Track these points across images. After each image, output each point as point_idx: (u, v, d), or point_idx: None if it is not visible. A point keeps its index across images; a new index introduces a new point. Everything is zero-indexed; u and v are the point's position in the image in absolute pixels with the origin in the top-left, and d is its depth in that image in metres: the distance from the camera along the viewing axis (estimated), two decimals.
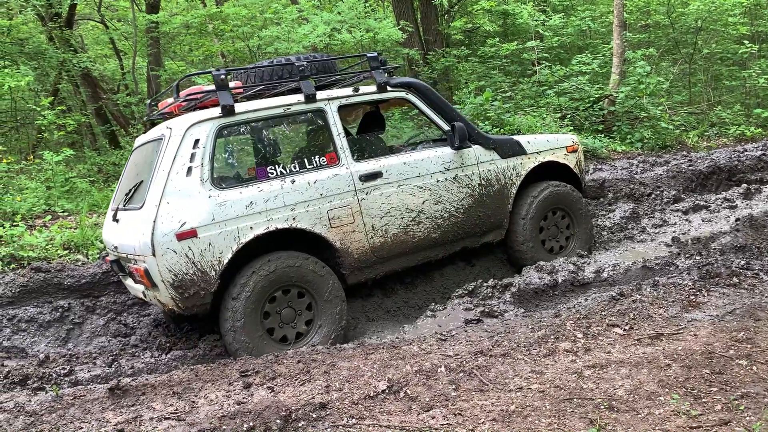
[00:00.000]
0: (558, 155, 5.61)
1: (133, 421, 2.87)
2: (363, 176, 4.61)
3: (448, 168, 4.99)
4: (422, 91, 5.10)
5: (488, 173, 5.17)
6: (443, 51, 13.56)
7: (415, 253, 4.90)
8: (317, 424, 2.80)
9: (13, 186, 8.05)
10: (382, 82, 4.90)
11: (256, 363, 3.52)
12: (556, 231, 5.59)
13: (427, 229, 4.87)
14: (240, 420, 2.79)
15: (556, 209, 5.53)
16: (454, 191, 4.99)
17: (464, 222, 5.06)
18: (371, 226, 4.62)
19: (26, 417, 2.94)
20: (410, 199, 4.78)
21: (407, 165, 4.83)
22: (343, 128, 4.73)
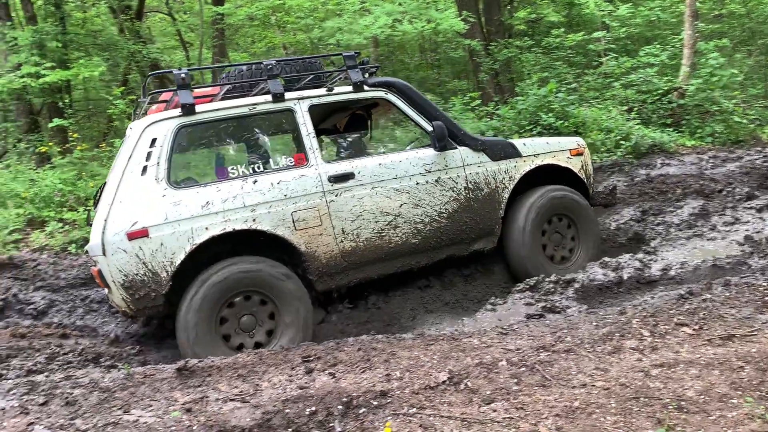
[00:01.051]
0: (559, 158, 5.21)
1: (199, 401, 2.95)
2: (332, 177, 4.41)
3: (429, 170, 4.70)
4: (403, 90, 4.84)
5: (476, 176, 4.84)
6: (505, 42, 13.36)
7: (392, 260, 4.63)
8: (378, 411, 2.81)
9: (86, 172, 8.41)
10: (358, 82, 4.67)
11: (318, 349, 3.58)
12: (560, 239, 5.16)
13: (406, 234, 4.60)
14: (303, 404, 2.84)
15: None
16: (437, 195, 4.70)
17: (448, 228, 4.75)
18: (341, 230, 4.40)
19: (100, 393, 3.07)
20: (386, 202, 4.53)
21: (383, 166, 4.58)
22: (315, 129, 4.56)
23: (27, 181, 7.70)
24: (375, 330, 4.39)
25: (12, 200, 6.94)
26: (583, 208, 5.18)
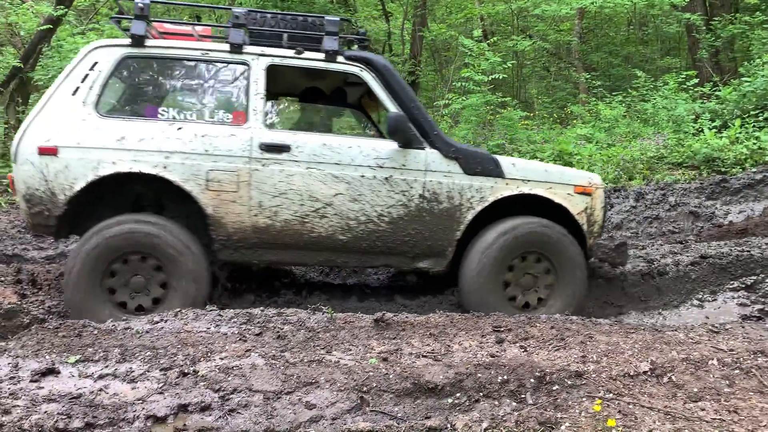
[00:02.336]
0: (556, 192, 4.30)
1: (394, 353, 3.09)
2: (265, 145, 4.06)
3: (381, 165, 4.16)
4: (382, 72, 4.27)
5: (437, 186, 4.19)
6: (731, 17, 12.02)
7: (312, 251, 4.22)
8: (572, 391, 2.74)
9: None
10: (331, 51, 4.20)
11: (509, 321, 3.56)
12: (532, 282, 4.29)
13: (333, 227, 4.14)
14: (494, 371, 2.85)
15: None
16: (382, 194, 4.15)
17: (388, 234, 4.19)
18: (258, 202, 4.05)
19: (306, 331, 3.32)
20: (318, 187, 4.10)
21: (327, 147, 4.14)
22: (266, 90, 4.21)
23: None
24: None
25: None
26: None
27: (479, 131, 8.56)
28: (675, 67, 13.27)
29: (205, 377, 2.73)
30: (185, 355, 2.93)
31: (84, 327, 3.24)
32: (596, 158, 7.83)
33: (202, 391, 2.62)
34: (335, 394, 2.66)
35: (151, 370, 2.79)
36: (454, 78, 12.43)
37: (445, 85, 14.02)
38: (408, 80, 13.00)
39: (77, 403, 2.52)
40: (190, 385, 2.68)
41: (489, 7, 15.83)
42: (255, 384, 2.69)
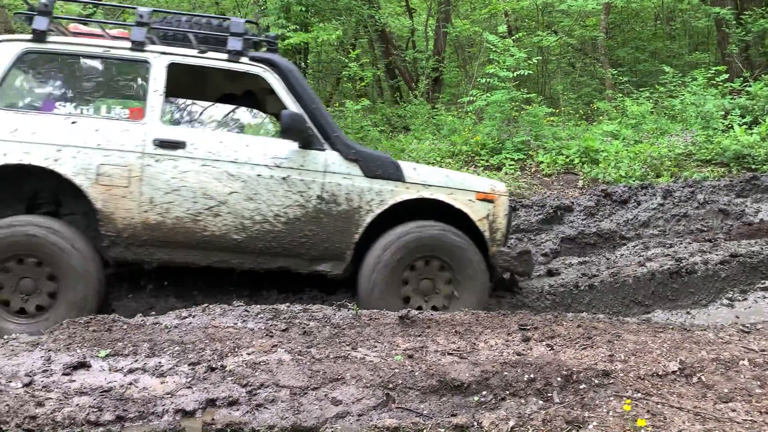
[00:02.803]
0: (457, 198, 4.23)
1: (420, 350, 3.09)
2: (159, 141, 4.02)
3: (279, 165, 4.12)
4: (285, 73, 4.26)
5: (336, 188, 4.15)
6: (763, 11, 11.78)
7: (206, 251, 4.13)
8: (599, 390, 2.72)
9: None
10: (234, 51, 4.21)
11: (535, 319, 3.54)
12: (431, 286, 4.22)
13: (227, 227, 4.07)
14: (521, 370, 2.84)
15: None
16: (279, 194, 4.10)
17: (284, 235, 4.13)
18: (149, 199, 3.98)
19: (332, 328, 3.34)
20: (212, 185, 4.04)
21: (223, 145, 4.11)
22: (166, 88, 4.18)
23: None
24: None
25: None
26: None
27: (504, 128, 8.50)
28: (703, 63, 13.04)
29: (233, 372, 2.76)
30: (213, 350, 2.96)
31: (114, 321, 3.29)
32: (623, 155, 7.73)
33: (229, 386, 2.65)
34: (361, 391, 2.67)
35: (180, 365, 2.82)
36: (479, 74, 12.37)
37: (469, 81, 13.96)
38: (432, 77, 12.97)
39: (108, 396, 2.57)
40: (217, 379, 2.71)
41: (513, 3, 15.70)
42: (282, 379, 2.72)
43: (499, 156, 7.95)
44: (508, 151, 8.04)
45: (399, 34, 16.62)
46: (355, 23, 12.98)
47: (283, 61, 4.34)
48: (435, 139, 8.90)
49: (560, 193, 7.02)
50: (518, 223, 6.29)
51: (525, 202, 6.55)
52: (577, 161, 7.85)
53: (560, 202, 6.53)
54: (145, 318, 3.42)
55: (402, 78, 14.21)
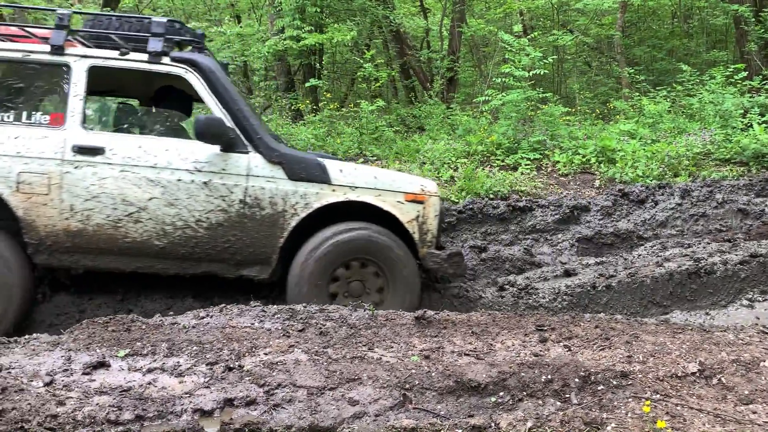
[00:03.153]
0: (386, 200, 4.18)
1: (436, 351, 3.08)
2: (78, 147, 4.01)
3: (200, 169, 4.07)
4: (207, 74, 4.21)
5: (260, 192, 4.11)
6: None
7: (129, 256, 4.12)
8: (617, 391, 2.70)
9: (334, 129, 9.13)
10: (154, 52, 4.17)
11: (552, 320, 3.52)
12: (360, 288, 4.22)
13: (149, 233, 4.06)
14: (538, 371, 2.82)
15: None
16: (201, 199, 4.06)
17: (207, 241, 4.10)
18: (69, 206, 3.98)
19: (348, 328, 3.34)
20: (132, 191, 4.02)
21: (143, 150, 4.07)
22: (87, 92, 4.16)
23: (286, 134, 8.58)
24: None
25: None
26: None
27: (519, 127, 8.46)
28: (722, 61, 12.89)
29: (250, 372, 2.77)
30: (230, 350, 2.98)
31: (132, 322, 3.32)
32: (640, 154, 7.66)
33: (247, 386, 2.66)
34: (378, 391, 2.67)
35: (198, 365, 2.84)
36: (494, 74, 12.33)
37: (484, 81, 13.92)
38: (446, 77, 12.93)
39: (127, 395, 2.59)
40: (235, 379, 2.72)
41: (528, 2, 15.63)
42: (299, 379, 2.72)
43: (514, 156, 7.92)
44: (524, 150, 8.00)
45: (413, 34, 16.61)
46: (369, 24, 12.98)
47: (204, 61, 4.27)
48: (450, 139, 8.88)
49: (577, 193, 6.98)
50: (534, 224, 6.26)
51: (541, 202, 6.51)
52: (594, 161, 7.80)
53: (577, 201, 6.49)
54: (164, 318, 3.45)
55: (417, 78, 14.19)
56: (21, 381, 2.64)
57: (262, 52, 11.09)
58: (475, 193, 6.71)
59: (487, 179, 6.95)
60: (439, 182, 7.09)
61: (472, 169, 7.26)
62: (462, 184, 6.87)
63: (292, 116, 10.86)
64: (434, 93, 11.57)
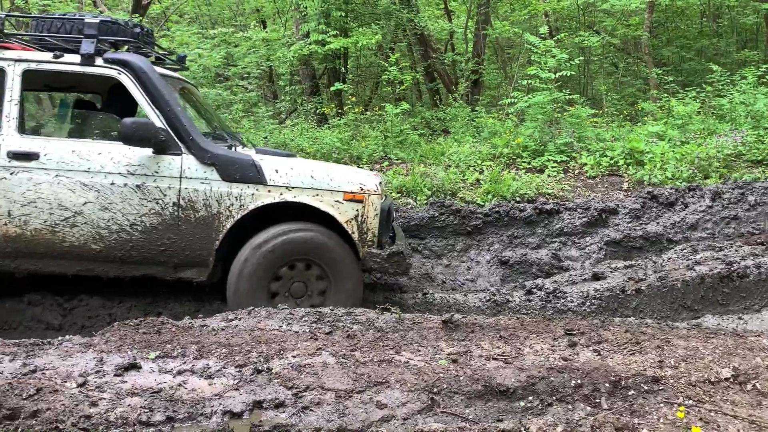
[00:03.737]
0: (323, 199, 4.15)
1: (464, 354, 3.07)
2: (13, 153, 4.04)
3: (132, 172, 4.07)
4: (139, 74, 4.17)
5: (194, 194, 4.09)
6: None
7: (68, 260, 4.16)
8: (649, 397, 2.66)
9: (358, 133, 9.15)
10: (86, 53, 4.14)
11: (582, 324, 3.49)
12: (302, 288, 4.22)
13: (85, 237, 4.09)
14: (567, 375, 2.79)
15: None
16: (134, 203, 4.08)
17: (141, 244, 4.13)
18: (7, 212, 4.04)
19: (375, 331, 3.35)
20: (67, 195, 4.05)
21: (76, 154, 4.07)
22: (22, 96, 4.15)
23: (311, 138, 8.62)
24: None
25: (300, 154, 7.83)
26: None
27: (546, 129, 8.39)
28: (752, 60, 12.66)
29: (279, 374, 2.79)
30: (259, 353, 3.00)
31: (163, 324, 3.36)
32: (669, 156, 7.54)
33: (276, 389, 2.68)
34: (406, 395, 2.67)
35: (227, 367, 2.87)
36: (519, 75, 12.26)
37: (509, 83, 13.85)
38: (471, 79, 12.89)
39: (158, 397, 2.62)
40: (264, 382, 2.74)
41: (554, 3, 15.52)
42: (327, 382, 2.73)
43: (541, 158, 7.85)
44: (551, 153, 7.93)
45: (437, 36, 16.59)
46: (394, 27, 12.99)
47: (136, 61, 4.23)
48: (475, 142, 8.85)
49: (605, 196, 6.90)
50: (562, 227, 6.20)
51: (568, 204, 6.45)
52: (622, 163, 7.70)
53: (605, 204, 6.42)
54: (193, 320, 3.49)
55: (441, 81, 14.16)
56: (55, 382, 2.68)
57: (288, 57, 11.16)
58: (501, 196, 6.66)
59: (514, 182, 6.90)
60: (464, 185, 7.07)
61: (498, 171, 7.21)
62: (488, 186, 6.83)
63: (317, 120, 10.91)
64: (459, 95, 11.53)
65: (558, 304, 4.46)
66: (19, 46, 4.35)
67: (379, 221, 4.25)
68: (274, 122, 10.18)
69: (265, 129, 9.14)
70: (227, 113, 9.56)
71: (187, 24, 14.36)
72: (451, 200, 6.54)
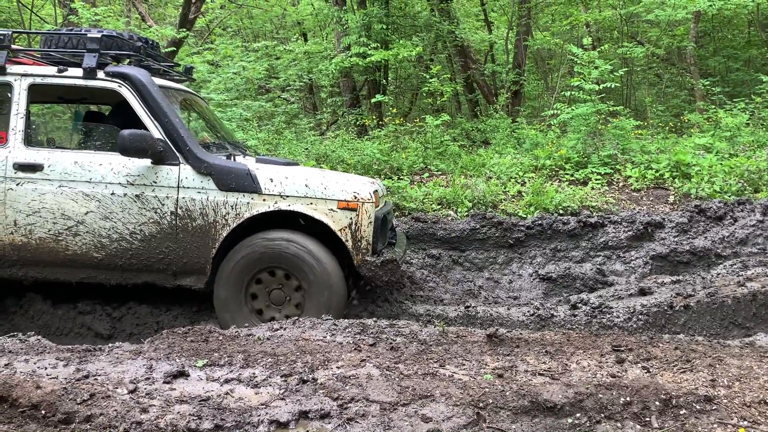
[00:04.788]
0: (317, 208, 4.20)
1: (509, 369, 3.04)
2: (19, 165, 4.20)
3: (132, 182, 4.19)
4: (138, 87, 4.27)
5: (191, 203, 4.19)
6: None
7: (71, 268, 4.30)
8: (701, 417, 2.59)
9: (399, 144, 9.17)
10: (88, 67, 4.25)
11: (629, 340, 3.42)
12: (281, 296, 4.27)
13: (87, 245, 4.22)
14: (616, 392, 2.74)
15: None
16: (133, 212, 4.19)
17: (141, 252, 4.23)
18: (13, 221, 4.22)
19: (419, 344, 3.34)
20: (70, 205, 4.19)
21: (78, 165, 4.21)
22: (28, 109, 4.30)
23: (351, 149, 8.68)
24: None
25: (340, 165, 7.89)
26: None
27: (589, 141, 8.28)
28: None
29: (324, 385, 2.80)
30: (304, 363, 3.02)
31: (210, 332, 3.42)
32: (717, 169, 7.36)
33: (321, 399, 2.69)
34: (451, 409, 2.65)
35: (273, 376, 2.90)
36: (561, 87, 12.15)
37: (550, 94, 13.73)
38: (512, 90, 12.82)
39: (206, 405, 2.66)
40: (309, 392, 2.76)
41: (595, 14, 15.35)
42: (371, 394, 2.74)
43: (584, 170, 7.74)
44: (594, 165, 7.82)
45: (476, 48, 16.56)
46: (434, 39, 13.02)
47: (136, 74, 4.33)
48: (517, 153, 8.79)
49: (650, 209, 6.76)
50: (606, 240, 6.10)
51: (613, 218, 6.34)
52: (668, 175, 7.54)
53: (650, 218, 6.29)
54: (239, 330, 3.54)
55: (480, 92, 14.12)
56: (107, 388, 2.75)
57: (329, 69, 11.29)
58: (543, 209, 6.59)
59: (557, 194, 6.82)
60: (506, 197, 7.02)
61: (540, 183, 7.15)
62: (530, 199, 6.77)
63: (357, 131, 10.99)
64: (499, 106, 11.48)
65: (604, 320, 4.38)
66: (29, 61, 4.55)
67: (374, 229, 4.29)
68: (315, 133, 10.29)
69: (306, 140, 9.25)
70: (270, 125, 9.70)
71: (230, 37, 14.65)
72: (493, 212, 6.50)
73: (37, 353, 3.20)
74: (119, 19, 10.57)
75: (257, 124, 9.47)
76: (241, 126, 8.82)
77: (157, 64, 4.86)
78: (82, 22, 9.12)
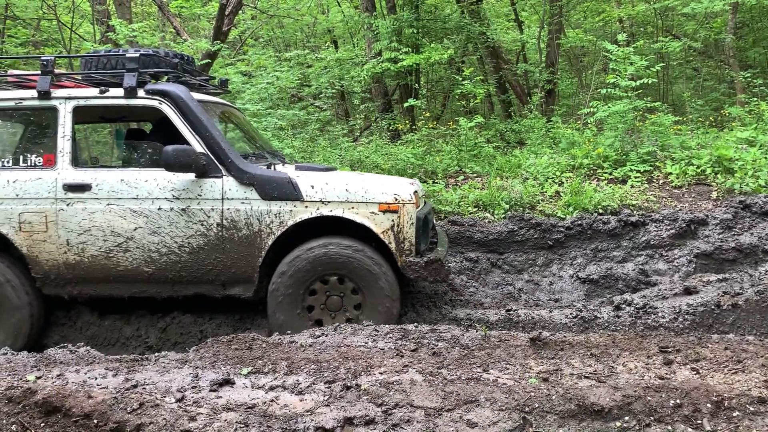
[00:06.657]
0: (359, 212, 4.23)
1: (554, 373, 3.00)
2: (69, 186, 4.30)
3: (177, 197, 4.25)
4: (178, 103, 4.34)
5: (236, 214, 4.24)
6: None
7: (123, 283, 4.39)
8: (755, 418, 2.52)
9: (432, 148, 9.15)
10: (128, 87, 4.33)
11: (677, 341, 3.35)
12: (338, 302, 4.29)
13: (137, 260, 4.30)
14: (665, 395, 2.69)
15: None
16: (181, 225, 4.26)
17: (190, 264, 4.30)
18: (66, 241, 4.31)
19: (461, 349, 3.33)
20: (119, 222, 4.27)
21: (125, 183, 4.30)
22: (73, 131, 4.42)
23: (385, 155, 8.69)
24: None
25: (374, 170, 7.91)
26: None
27: (627, 138, 8.13)
28: None
29: (367, 391, 2.81)
30: (347, 369, 3.03)
31: (253, 340, 3.46)
32: (761, 163, 7.15)
33: (365, 405, 2.70)
34: (496, 414, 2.63)
35: (317, 383, 2.92)
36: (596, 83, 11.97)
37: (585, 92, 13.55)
38: (545, 89, 12.68)
39: (252, 412, 2.69)
40: (353, 398, 2.77)
41: (628, 9, 15.10)
42: (416, 399, 2.73)
43: (623, 168, 7.60)
44: (633, 162, 7.66)
45: (508, 48, 16.43)
46: (465, 41, 12.96)
47: (175, 91, 4.41)
48: (553, 153, 8.67)
49: (692, 206, 6.61)
50: (648, 239, 5.99)
51: (654, 216, 6.22)
52: (710, 171, 7.35)
53: (693, 215, 6.15)
54: (282, 337, 3.57)
55: (513, 92, 14.00)
56: (155, 397, 2.80)
57: (361, 75, 11.32)
58: (582, 208, 6.49)
59: (595, 193, 6.71)
60: (543, 197, 6.94)
61: (578, 183, 7.04)
62: (568, 199, 6.68)
63: (390, 136, 10.99)
64: (533, 106, 11.36)
65: (648, 320, 4.29)
66: (71, 84, 4.69)
67: (416, 229, 4.30)
68: (348, 140, 10.33)
69: (340, 147, 9.29)
70: (304, 132, 9.78)
71: (261, 47, 14.82)
72: (531, 213, 6.43)
73: (87, 363, 3.28)
74: (155, 34, 10.79)
75: (291, 132, 9.55)
76: (276, 135, 8.91)
77: (193, 79, 4.96)
78: (119, 38, 9.35)
